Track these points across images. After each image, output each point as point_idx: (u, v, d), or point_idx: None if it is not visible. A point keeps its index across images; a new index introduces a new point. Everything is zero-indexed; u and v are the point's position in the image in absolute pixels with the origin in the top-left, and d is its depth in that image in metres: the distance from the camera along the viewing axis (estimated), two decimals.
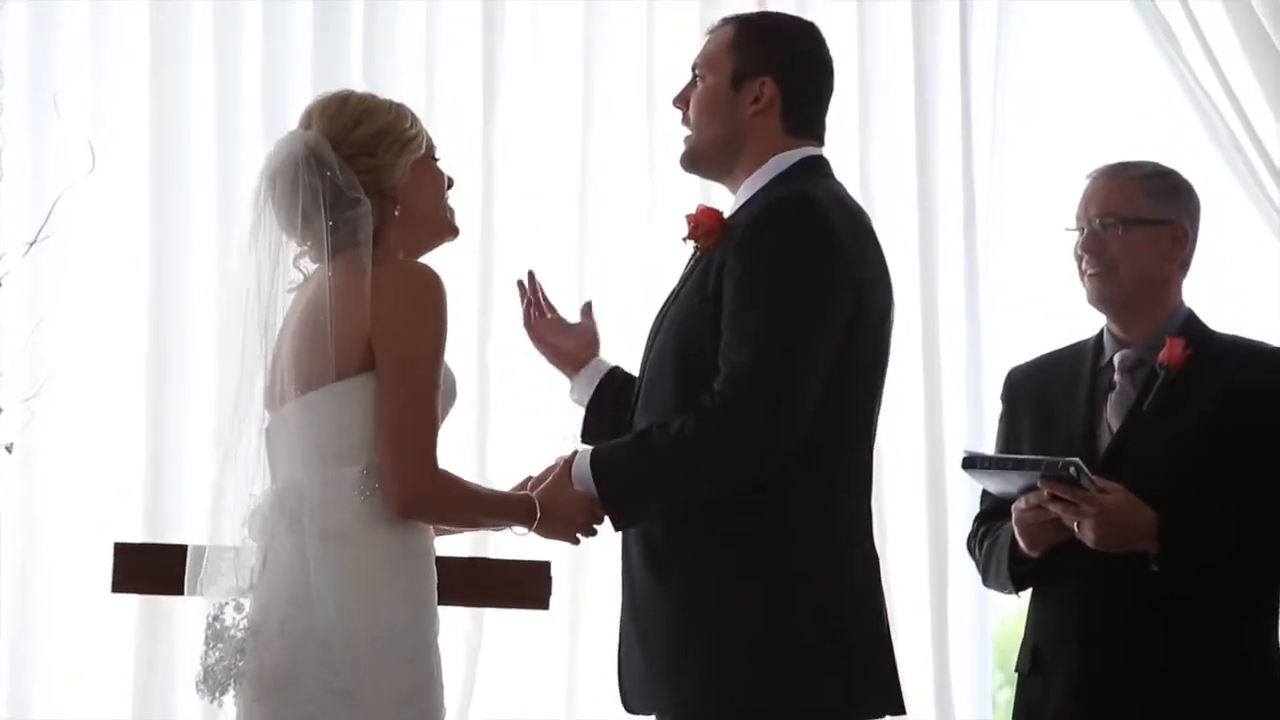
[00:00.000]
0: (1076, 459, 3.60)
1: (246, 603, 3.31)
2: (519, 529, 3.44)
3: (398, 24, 5.43)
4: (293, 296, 3.42)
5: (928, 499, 5.41)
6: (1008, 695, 6.42)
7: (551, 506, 3.42)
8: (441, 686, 3.36)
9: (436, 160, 3.48)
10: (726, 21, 3.55)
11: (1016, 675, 3.88)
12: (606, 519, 3.41)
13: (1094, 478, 3.60)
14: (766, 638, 3.30)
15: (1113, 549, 3.61)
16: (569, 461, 3.41)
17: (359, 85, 5.25)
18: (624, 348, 5.06)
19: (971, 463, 3.70)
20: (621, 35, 5.48)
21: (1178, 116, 5.53)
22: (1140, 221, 3.79)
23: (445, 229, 3.50)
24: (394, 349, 3.29)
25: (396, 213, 3.39)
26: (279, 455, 3.38)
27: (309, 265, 3.43)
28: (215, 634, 3.31)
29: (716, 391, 3.29)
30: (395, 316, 3.30)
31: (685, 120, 3.53)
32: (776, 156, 3.46)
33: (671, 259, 4.97)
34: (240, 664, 3.29)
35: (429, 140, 3.47)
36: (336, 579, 3.27)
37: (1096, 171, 3.87)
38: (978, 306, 5.52)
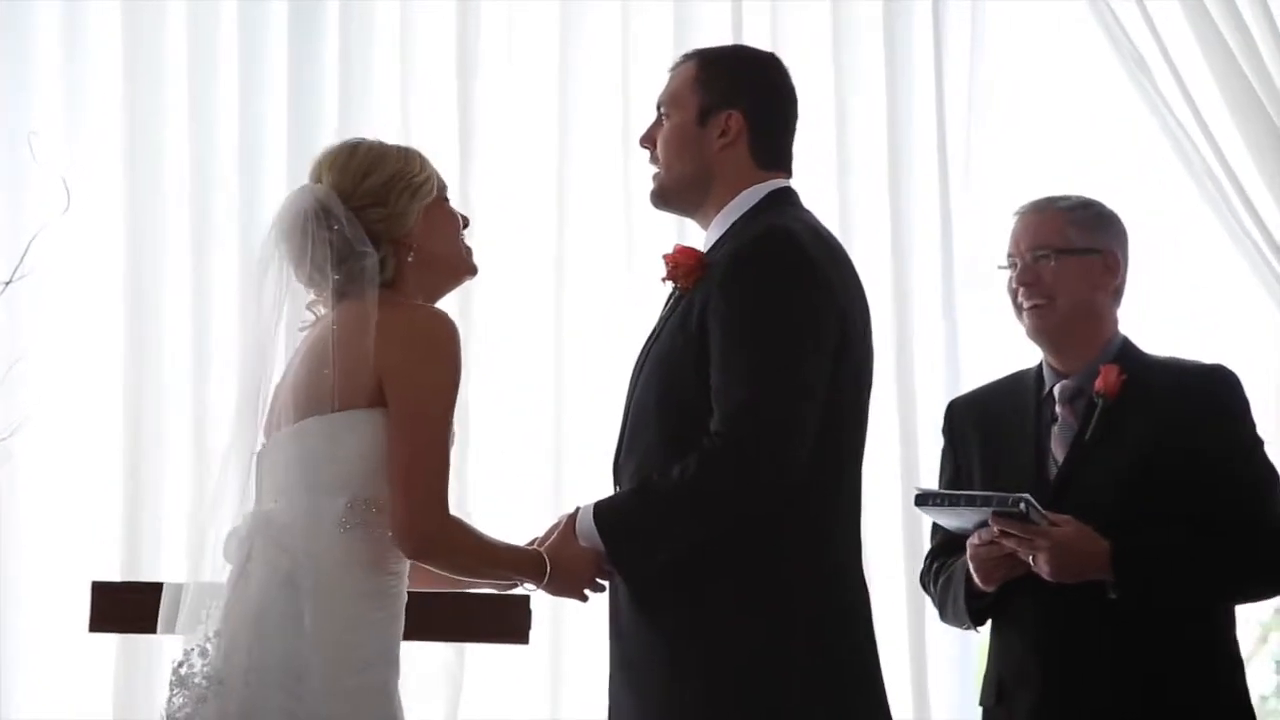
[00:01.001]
0: (1026, 495, 3.62)
1: (211, 648, 3.31)
2: (529, 585, 3.46)
3: (374, 50, 5.43)
4: (302, 335, 3.46)
5: (903, 525, 5.41)
6: None
7: (559, 562, 3.42)
8: None
9: (447, 201, 3.50)
10: (688, 57, 3.56)
11: (981, 709, 3.89)
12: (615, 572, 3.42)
13: (1045, 512, 3.63)
14: (759, 664, 3.30)
15: (1069, 580, 3.64)
16: (572, 518, 3.40)
17: (334, 122, 5.33)
18: (601, 384, 5.08)
19: (924, 499, 3.72)
20: (597, 49, 5.50)
21: (1148, 133, 5.56)
22: (1071, 251, 3.84)
23: (463, 269, 3.53)
24: (407, 395, 3.32)
25: (410, 259, 3.43)
26: (265, 479, 3.40)
27: (320, 309, 3.46)
28: (179, 680, 3.31)
29: (715, 433, 3.28)
30: (409, 363, 3.33)
31: (653, 159, 3.54)
32: (746, 190, 3.47)
33: (650, 294, 5.04)
34: (202, 712, 3.29)
35: (440, 182, 3.49)
36: (309, 605, 3.29)
37: (1023, 208, 3.93)
38: (955, 323, 5.54)
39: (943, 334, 5.51)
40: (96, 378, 5.26)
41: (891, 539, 5.39)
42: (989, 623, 3.88)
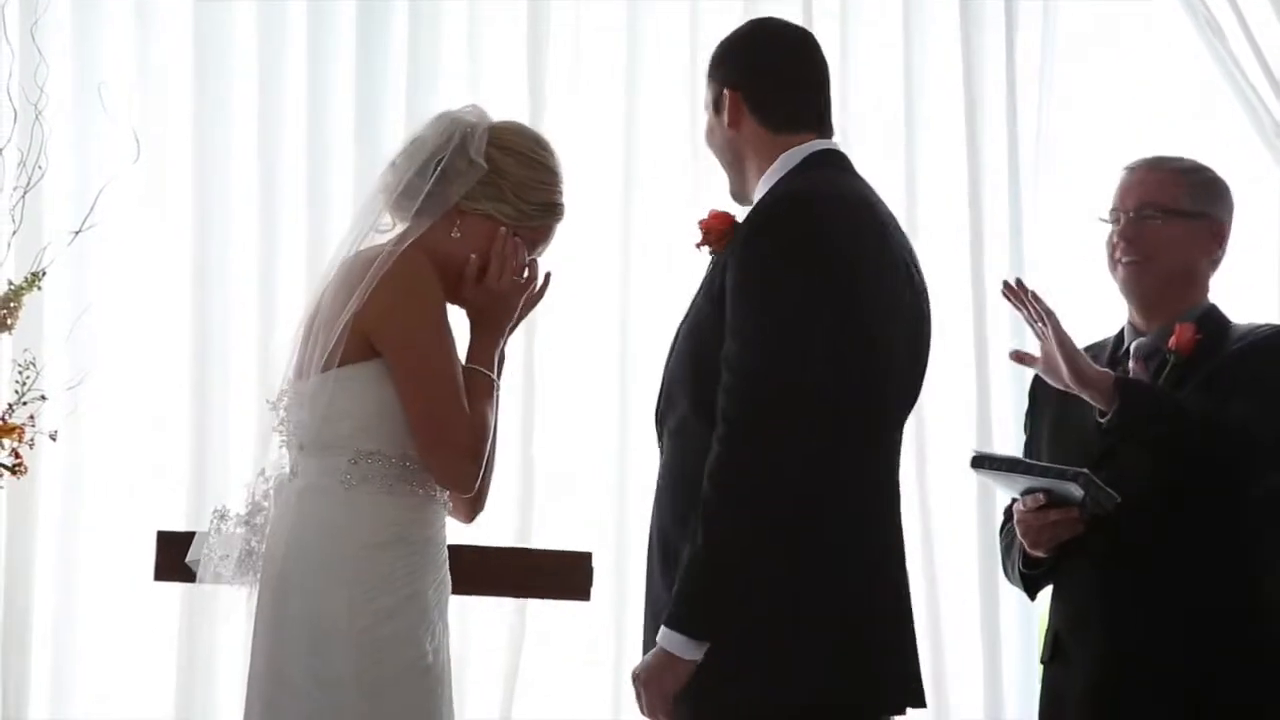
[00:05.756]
0: (1085, 470, 3.59)
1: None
2: None
3: (442, 22, 5.43)
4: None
5: (978, 488, 5.40)
6: None
7: None
8: (437, 674, 3.41)
9: (521, 246, 3.49)
10: None
11: (1041, 665, 3.88)
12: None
13: (1104, 487, 3.58)
14: (782, 627, 3.28)
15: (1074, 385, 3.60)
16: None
17: (401, 81, 5.32)
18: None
19: (980, 462, 3.70)
20: (665, 41, 5.48)
21: (1224, 111, 5.50)
22: (1179, 214, 3.79)
23: (456, 286, 3.49)
24: (391, 338, 3.36)
25: (455, 234, 3.44)
26: (285, 429, 3.47)
27: (379, 238, 3.49)
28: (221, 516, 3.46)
29: (720, 412, 3.24)
30: (384, 306, 3.36)
31: None
32: (783, 154, 3.44)
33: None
34: (253, 542, 3.41)
35: (535, 237, 3.51)
36: (324, 563, 3.35)
37: (1135, 163, 3.87)
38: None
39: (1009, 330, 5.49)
40: (163, 329, 5.27)
41: (965, 500, 5.38)
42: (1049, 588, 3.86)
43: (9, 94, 5.07)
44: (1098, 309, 5.38)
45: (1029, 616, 5.38)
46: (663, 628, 3.25)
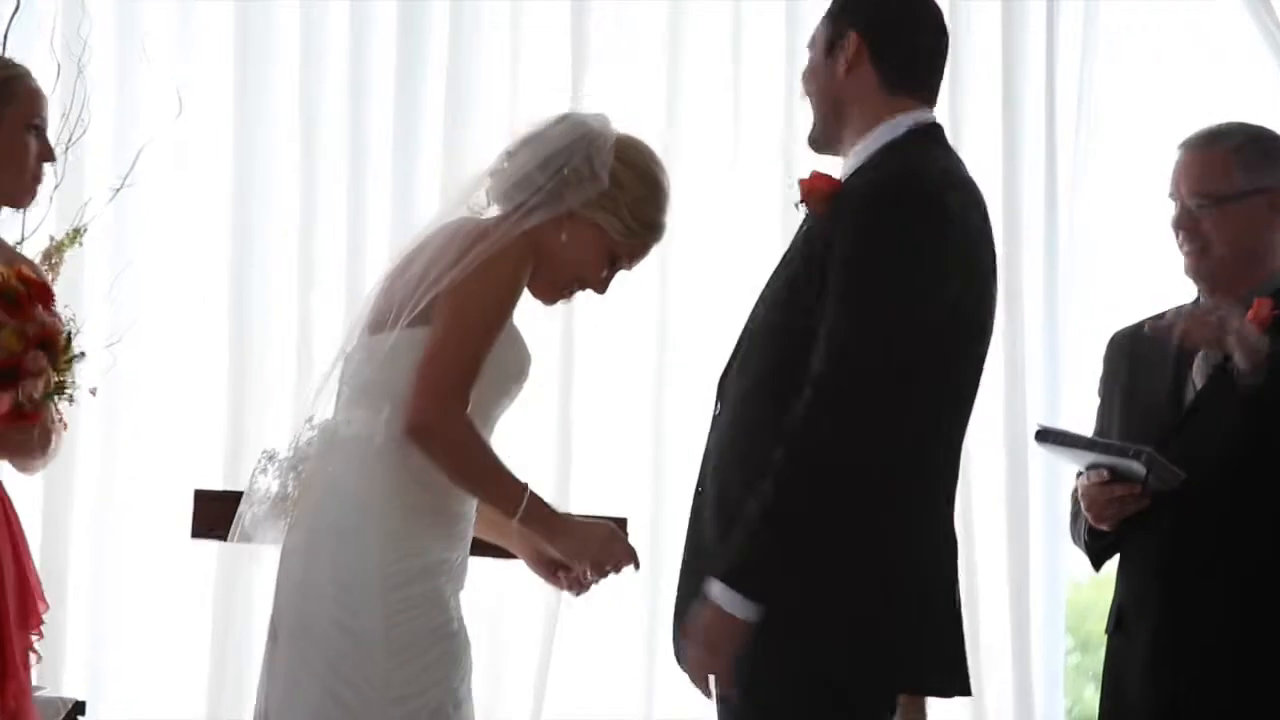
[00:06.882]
0: (1149, 448, 3.55)
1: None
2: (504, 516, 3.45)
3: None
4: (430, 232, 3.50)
5: (1007, 466, 5.39)
6: (1076, 660, 6.44)
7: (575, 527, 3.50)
8: (461, 643, 3.43)
9: (616, 267, 3.54)
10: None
11: (1106, 635, 3.86)
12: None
13: (1169, 465, 3.55)
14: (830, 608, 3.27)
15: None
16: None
17: (444, 50, 5.30)
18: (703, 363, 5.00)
19: (1045, 435, 3.67)
20: (709, 45, 5.48)
21: (1269, 83, 5.47)
22: (1233, 198, 3.70)
23: (558, 286, 3.55)
24: (453, 298, 3.37)
25: (563, 238, 3.47)
26: (344, 385, 3.49)
27: (473, 206, 3.52)
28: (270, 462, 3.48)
29: (815, 376, 3.20)
30: (470, 276, 3.38)
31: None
32: (886, 122, 3.38)
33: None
34: (291, 486, 3.45)
35: (634, 252, 3.54)
36: (357, 520, 3.36)
37: (1188, 141, 3.78)
38: (1055, 282, 5.51)
39: (1042, 289, 5.48)
40: (203, 286, 5.28)
41: (995, 481, 5.39)
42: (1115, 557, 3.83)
43: (53, 48, 5.07)
44: (1132, 288, 5.43)
45: (1056, 602, 5.40)
46: (718, 583, 3.20)
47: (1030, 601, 5.39)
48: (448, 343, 3.35)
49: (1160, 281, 3.94)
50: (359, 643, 3.34)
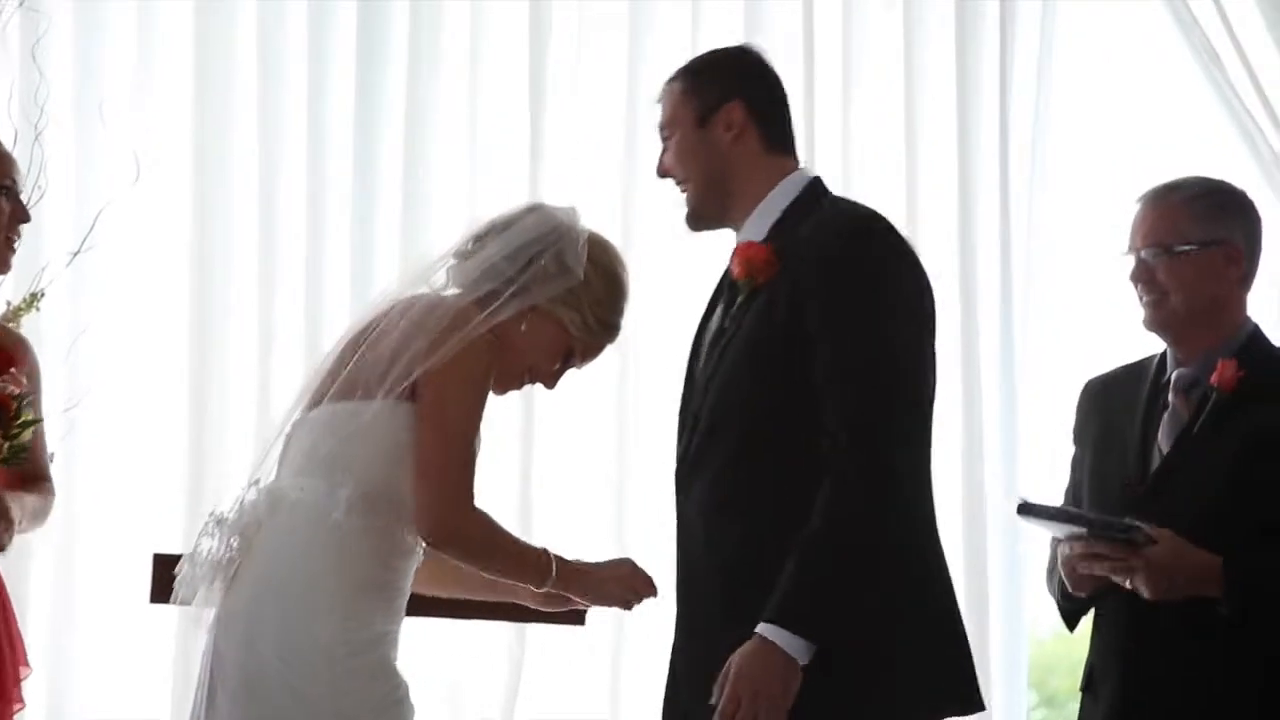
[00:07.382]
0: (1138, 522, 3.56)
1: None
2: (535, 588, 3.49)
3: (442, 34, 5.44)
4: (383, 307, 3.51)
5: (964, 525, 5.40)
6: (1043, 714, 6.44)
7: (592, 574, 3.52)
8: (407, 708, 3.43)
9: (569, 362, 3.56)
10: (670, 80, 3.51)
11: (1080, 692, 3.87)
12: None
13: (1150, 533, 3.56)
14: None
15: (1174, 598, 3.57)
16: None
17: (400, 108, 5.32)
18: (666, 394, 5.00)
19: (1027, 510, 3.67)
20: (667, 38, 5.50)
21: (1218, 128, 5.52)
22: (1186, 248, 3.72)
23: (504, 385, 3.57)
24: (437, 389, 3.37)
25: (523, 329, 3.49)
26: (291, 452, 3.48)
27: (433, 284, 3.53)
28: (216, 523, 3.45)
29: (839, 435, 3.22)
30: (446, 362, 3.38)
31: (677, 184, 3.50)
32: (783, 181, 3.42)
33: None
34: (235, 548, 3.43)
35: (589, 350, 3.56)
36: (306, 589, 3.36)
37: (1143, 196, 3.81)
38: (1011, 321, 5.55)
39: (998, 335, 5.50)
40: (161, 351, 5.27)
41: (951, 536, 5.36)
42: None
43: (9, 113, 5.07)
44: (1091, 321, 5.46)
45: (1017, 660, 5.42)
46: (771, 625, 3.19)
47: (990, 658, 5.39)
48: (444, 446, 3.37)
49: (1114, 305, 3.98)
50: (309, 709, 3.34)
